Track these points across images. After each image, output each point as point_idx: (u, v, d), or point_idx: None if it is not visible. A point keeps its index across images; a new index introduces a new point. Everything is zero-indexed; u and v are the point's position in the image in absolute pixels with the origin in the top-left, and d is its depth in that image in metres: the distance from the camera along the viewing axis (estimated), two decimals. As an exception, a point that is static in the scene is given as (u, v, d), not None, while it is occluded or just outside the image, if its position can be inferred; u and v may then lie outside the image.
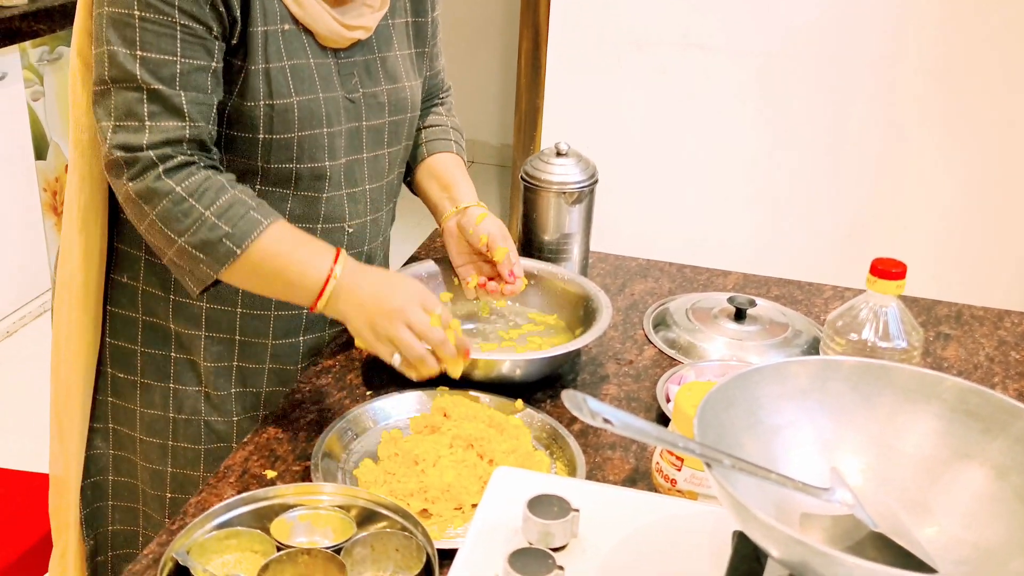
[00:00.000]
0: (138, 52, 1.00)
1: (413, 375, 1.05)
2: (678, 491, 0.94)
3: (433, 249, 1.56)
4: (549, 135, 2.63)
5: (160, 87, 1.01)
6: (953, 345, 1.36)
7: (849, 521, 0.74)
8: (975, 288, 2.39)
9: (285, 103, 1.08)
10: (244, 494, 0.88)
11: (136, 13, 1.00)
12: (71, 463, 1.23)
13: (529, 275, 1.34)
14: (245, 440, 1.08)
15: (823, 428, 0.79)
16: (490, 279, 1.25)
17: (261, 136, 1.09)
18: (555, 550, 0.75)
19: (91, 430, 1.25)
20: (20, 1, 2.81)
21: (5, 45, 2.74)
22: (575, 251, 1.41)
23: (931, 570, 0.71)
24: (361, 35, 1.13)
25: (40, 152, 3.02)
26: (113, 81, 1.01)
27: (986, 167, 2.37)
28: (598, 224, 1.44)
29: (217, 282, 1.06)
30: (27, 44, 2.88)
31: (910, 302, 1.45)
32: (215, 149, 1.08)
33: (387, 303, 1.03)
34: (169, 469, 1.24)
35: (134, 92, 1.01)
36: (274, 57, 1.07)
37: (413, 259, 1.48)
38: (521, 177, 1.40)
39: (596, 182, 1.39)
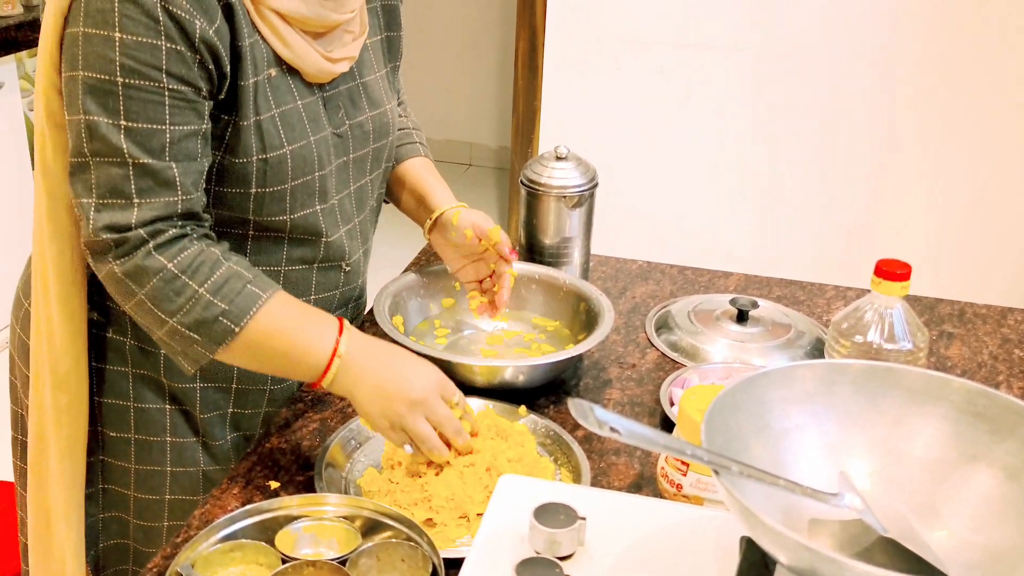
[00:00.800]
0: (122, 122, 0.91)
1: (422, 458, 1.00)
2: (684, 496, 0.94)
3: (432, 254, 1.55)
4: (547, 137, 2.63)
5: (149, 161, 0.92)
6: (956, 344, 1.35)
7: (858, 526, 0.73)
8: (977, 285, 2.39)
9: (278, 155, 1.01)
10: (248, 506, 0.88)
11: (119, 79, 0.90)
12: (66, 535, 1.10)
13: (530, 279, 1.34)
14: (248, 451, 1.07)
15: (830, 432, 0.78)
16: (484, 284, 1.24)
17: (253, 191, 1.02)
18: (562, 559, 0.75)
19: None
20: (16, 11, 2.81)
21: (2, 55, 2.73)
22: (576, 255, 1.40)
23: (941, 574, 0.70)
24: (345, 67, 1.07)
25: (37, 162, 3.01)
26: (94, 155, 0.92)
27: (987, 164, 2.37)
28: (598, 227, 1.44)
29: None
30: (23, 54, 2.88)
31: (912, 301, 1.45)
32: (207, 216, 1.01)
33: (406, 392, 0.97)
34: (165, 523, 1.17)
35: (119, 168, 0.92)
36: (263, 107, 1.00)
37: (411, 266, 1.47)
38: (521, 182, 1.39)
39: (596, 185, 1.38)
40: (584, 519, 0.76)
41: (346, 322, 1.01)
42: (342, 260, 1.15)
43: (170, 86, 0.92)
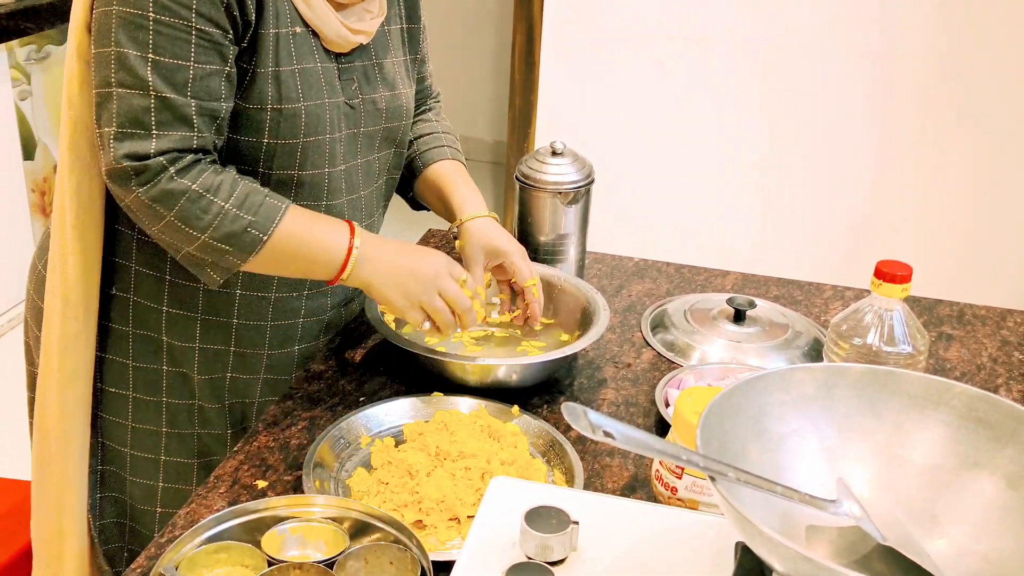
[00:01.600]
0: (150, 55, 0.96)
1: (437, 338, 1.12)
2: (679, 500, 0.92)
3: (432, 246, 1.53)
4: (543, 131, 2.61)
5: (171, 95, 0.98)
6: (956, 346, 1.34)
7: (856, 533, 0.72)
8: (976, 286, 2.37)
9: (293, 108, 1.06)
10: (234, 507, 0.86)
11: (151, 15, 0.96)
12: (67, 487, 1.16)
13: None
14: (236, 449, 1.05)
15: (829, 436, 0.77)
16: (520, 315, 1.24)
17: (266, 141, 1.06)
18: (554, 564, 0.73)
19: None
20: (7, 0, 2.78)
21: (-8, 44, 2.71)
22: (571, 252, 1.39)
23: (941, 583, 0.69)
24: (363, 39, 1.12)
25: (28, 152, 2.99)
26: (120, 85, 0.97)
27: (987, 164, 2.36)
28: (594, 224, 1.42)
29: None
30: (14, 43, 2.85)
31: (911, 301, 1.43)
32: (214, 154, 1.05)
33: (420, 271, 1.07)
34: (160, 484, 1.21)
35: (142, 99, 0.97)
36: (284, 60, 1.05)
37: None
38: (516, 177, 1.37)
39: (592, 182, 1.37)
40: (577, 523, 0.75)
41: (355, 224, 1.09)
42: None
43: (198, 25, 0.98)
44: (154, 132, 0.98)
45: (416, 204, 1.34)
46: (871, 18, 2.30)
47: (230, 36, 1.00)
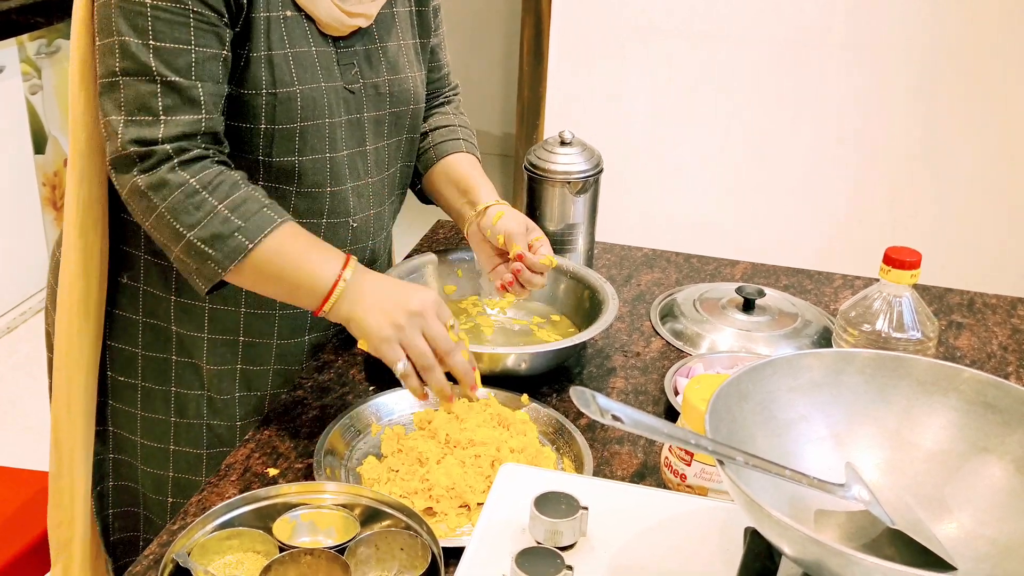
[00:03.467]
0: (151, 42, 0.97)
1: (414, 386, 1.00)
2: (688, 486, 0.92)
3: (435, 241, 1.54)
4: (552, 124, 2.61)
5: (176, 78, 0.98)
6: (966, 334, 1.33)
7: (865, 517, 0.72)
8: (987, 275, 2.37)
9: (288, 92, 1.05)
10: (246, 493, 0.87)
11: (148, 2, 0.97)
12: (76, 474, 1.19)
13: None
14: (247, 437, 1.06)
15: (838, 422, 0.77)
16: (510, 283, 1.21)
17: (263, 126, 1.06)
18: (563, 549, 0.74)
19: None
20: (17, -6, 2.79)
21: (3, 38, 2.72)
22: (580, 241, 1.39)
23: (950, 567, 0.69)
24: (362, 23, 1.10)
25: (39, 146, 3.00)
26: (124, 73, 0.98)
27: (997, 153, 2.35)
28: (603, 214, 1.42)
29: (224, 283, 1.03)
30: (25, 37, 2.86)
31: (921, 290, 1.43)
32: (225, 142, 1.05)
33: (404, 305, 0.99)
34: (171, 474, 1.21)
35: (147, 84, 0.98)
36: (277, 44, 1.05)
37: (415, 252, 1.46)
38: (525, 167, 1.38)
39: (601, 171, 1.37)
40: (586, 509, 0.75)
41: (352, 257, 1.03)
42: (348, 216, 1.16)
43: (195, 9, 0.98)
44: (162, 117, 0.98)
45: (423, 197, 1.33)
46: (880, 11, 2.29)
47: (225, 19, 1.01)
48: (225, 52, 1.02)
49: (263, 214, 1.00)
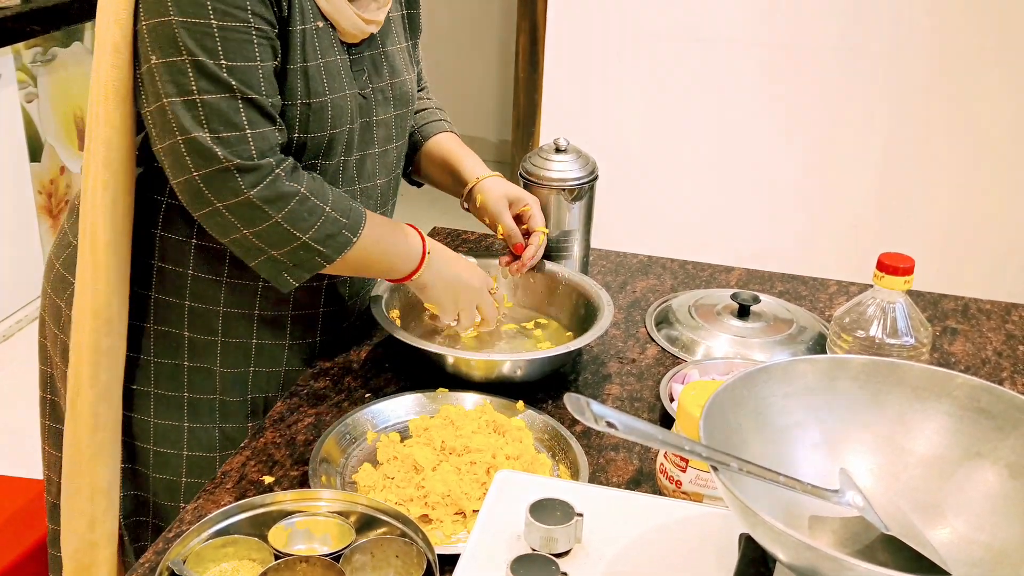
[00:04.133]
0: (223, 61, 0.99)
1: (456, 331, 1.23)
2: (683, 493, 0.92)
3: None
4: (547, 131, 2.61)
5: (253, 95, 1.01)
6: (960, 340, 1.34)
7: (859, 523, 0.72)
8: (981, 281, 2.37)
9: (320, 101, 1.08)
10: (241, 501, 0.87)
11: (213, 22, 0.98)
12: (101, 498, 1.16)
13: (529, 273, 1.33)
14: (242, 445, 1.06)
15: (832, 428, 0.77)
16: (511, 256, 1.31)
17: (295, 135, 1.08)
18: (558, 556, 0.74)
19: None
20: (14, 2, 2.79)
21: (-1, 47, 2.72)
22: (575, 248, 1.39)
23: (944, 572, 0.69)
24: (374, 29, 1.14)
25: (34, 154, 3.00)
26: (202, 92, 0.99)
27: (991, 159, 2.35)
28: (598, 220, 1.42)
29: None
30: (20, 45, 2.86)
31: (915, 296, 1.43)
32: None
33: (469, 284, 1.21)
34: (184, 479, 1.21)
35: (229, 101, 0.99)
36: (311, 55, 1.07)
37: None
38: (520, 174, 1.38)
39: (596, 178, 1.37)
40: (581, 515, 0.75)
41: (419, 229, 1.18)
42: None
43: (256, 25, 1.01)
44: (248, 132, 1.01)
45: (412, 181, 1.39)
46: (873, 15, 2.30)
47: (276, 30, 1.03)
48: (278, 64, 1.04)
49: (355, 208, 1.10)
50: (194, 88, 0.99)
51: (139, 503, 1.25)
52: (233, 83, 0.99)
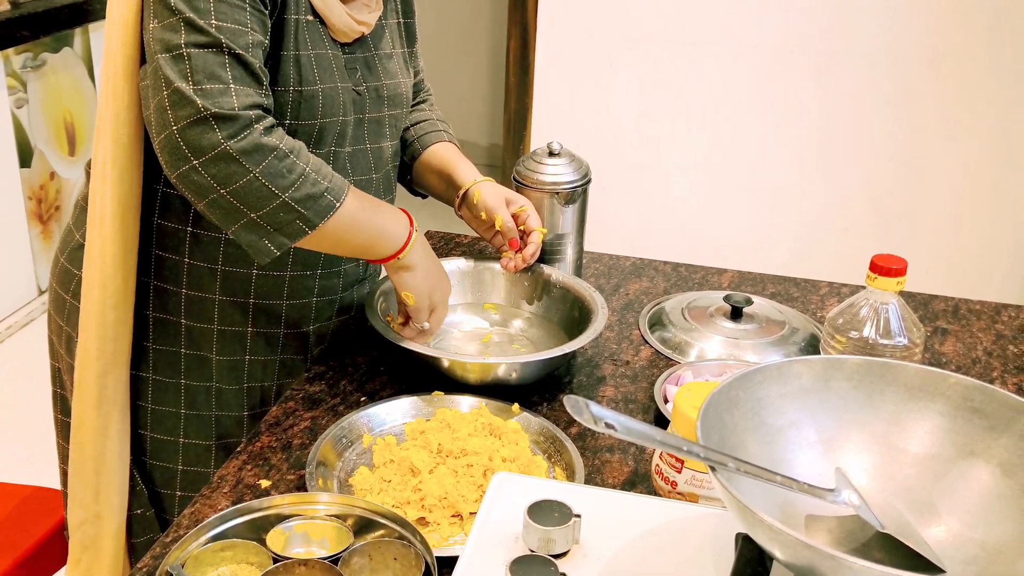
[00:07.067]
0: (213, 21, 1.00)
1: (409, 336, 1.19)
2: (679, 493, 0.93)
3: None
4: (538, 135, 2.62)
5: (241, 52, 1.01)
6: (951, 340, 1.35)
7: (855, 522, 0.73)
8: (971, 281, 2.39)
9: (312, 90, 1.11)
10: (239, 505, 0.87)
11: None
12: (107, 471, 1.18)
13: (523, 276, 1.34)
14: (239, 449, 1.06)
15: (827, 428, 0.78)
16: (506, 249, 1.31)
17: (287, 122, 1.10)
18: (556, 557, 0.74)
19: None
20: (3, 7, 2.79)
21: (-12, 52, 2.71)
22: (569, 251, 1.40)
23: (939, 570, 0.70)
24: (365, 30, 1.17)
25: (24, 160, 3.00)
26: (190, 45, 1.00)
27: (981, 161, 2.37)
28: (591, 224, 1.43)
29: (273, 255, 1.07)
30: (10, 51, 2.86)
31: (907, 297, 1.45)
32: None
33: (446, 278, 1.21)
34: (180, 467, 1.24)
35: (215, 55, 1.00)
36: (302, 45, 1.10)
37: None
38: (513, 178, 1.38)
39: (589, 182, 1.38)
40: (579, 516, 0.75)
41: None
42: None
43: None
44: (232, 86, 1.00)
45: (412, 190, 1.40)
46: (863, 18, 2.32)
47: (269, 10, 1.06)
48: (267, 43, 1.06)
49: (337, 176, 1.07)
50: (182, 43, 1.00)
51: (135, 492, 1.25)
52: (222, 39, 1.00)
